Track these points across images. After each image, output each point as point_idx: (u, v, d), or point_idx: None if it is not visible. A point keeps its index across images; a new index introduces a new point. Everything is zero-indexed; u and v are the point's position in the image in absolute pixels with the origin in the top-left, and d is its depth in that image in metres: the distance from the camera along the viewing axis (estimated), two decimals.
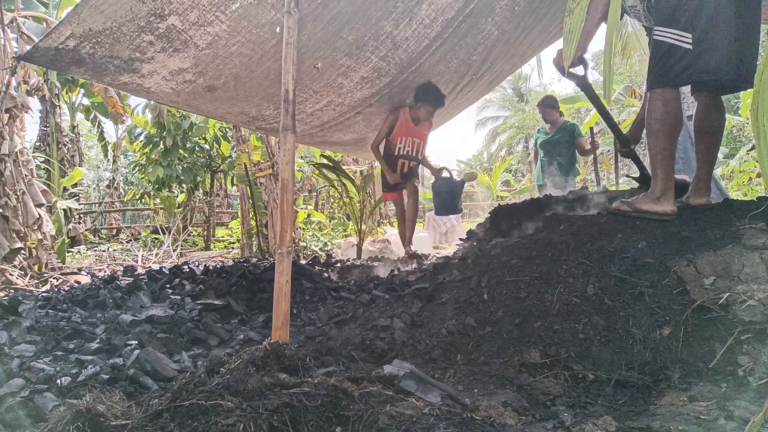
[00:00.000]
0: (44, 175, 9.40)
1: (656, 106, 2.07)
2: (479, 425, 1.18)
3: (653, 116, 2.08)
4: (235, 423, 1.09)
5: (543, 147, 5.40)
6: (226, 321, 2.55)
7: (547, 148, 5.36)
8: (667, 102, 2.06)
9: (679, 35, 1.99)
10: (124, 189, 16.58)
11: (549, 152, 5.34)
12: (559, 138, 5.25)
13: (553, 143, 5.29)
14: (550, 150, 5.33)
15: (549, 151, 5.34)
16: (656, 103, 2.08)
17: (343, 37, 3.15)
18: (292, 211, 1.94)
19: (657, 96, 2.08)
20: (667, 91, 2.06)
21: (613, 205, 2.25)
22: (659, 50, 2.06)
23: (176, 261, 6.89)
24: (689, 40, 1.97)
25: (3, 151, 4.59)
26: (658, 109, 2.07)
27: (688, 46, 1.97)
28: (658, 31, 2.06)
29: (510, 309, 1.82)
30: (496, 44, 3.79)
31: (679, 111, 2.11)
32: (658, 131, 2.07)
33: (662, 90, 2.07)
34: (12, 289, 4.08)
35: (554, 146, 5.29)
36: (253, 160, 6.74)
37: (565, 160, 5.24)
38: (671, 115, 2.06)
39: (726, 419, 1.19)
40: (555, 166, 5.25)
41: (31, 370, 1.75)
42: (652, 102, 2.10)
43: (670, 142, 2.08)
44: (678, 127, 2.11)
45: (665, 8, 2.05)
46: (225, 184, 12.62)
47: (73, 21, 2.42)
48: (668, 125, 2.06)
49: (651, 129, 2.10)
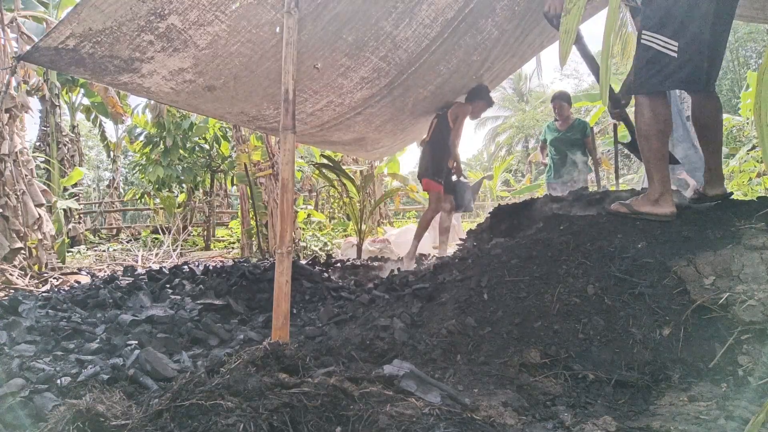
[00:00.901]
0: (44, 175, 9.40)
1: (644, 112, 2.09)
2: (479, 425, 1.18)
3: (642, 121, 2.09)
4: (235, 423, 1.09)
5: (554, 145, 5.19)
6: (226, 321, 2.55)
7: (557, 145, 5.17)
8: (655, 107, 2.07)
9: (666, 42, 2.00)
10: (124, 189, 16.58)
11: (561, 150, 5.14)
12: (571, 135, 5.07)
13: (565, 141, 5.10)
14: (562, 148, 5.12)
15: (561, 149, 5.14)
16: (644, 109, 2.09)
17: (342, 37, 3.15)
18: (292, 211, 1.94)
19: (645, 104, 2.09)
20: (655, 98, 2.08)
21: (611, 207, 2.24)
22: (645, 54, 2.07)
23: (176, 261, 6.89)
24: (675, 48, 1.98)
25: (3, 151, 4.59)
26: (646, 114, 2.08)
27: (673, 54, 1.99)
28: (647, 36, 2.07)
29: (510, 309, 1.82)
30: (495, 44, 3.79)
31: (668, 114, 2.12)
32: (649, 135, 2.08)
33: (650, 97, 2.08)
34: (12, 289, 4.08)
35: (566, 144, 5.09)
36: (253, 160, 6.74)
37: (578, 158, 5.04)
38: (660, 119, 2.07)
39: (726, 419, 1.19)
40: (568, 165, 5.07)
41: (31, 370, 1.75)
42: (639, 107, 2.11)
43: (662, 144, 2.09)
44: (668, 129, 2.12)
45: (655, 13, 2.06)
46: (225, 184, 12.62)
47: (73, 20, 2.41)
48: (657, 129, 2.07)
49: (641, 133, 2.11)
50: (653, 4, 2.06)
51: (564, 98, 5.17)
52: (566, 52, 0.86)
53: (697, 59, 2.00)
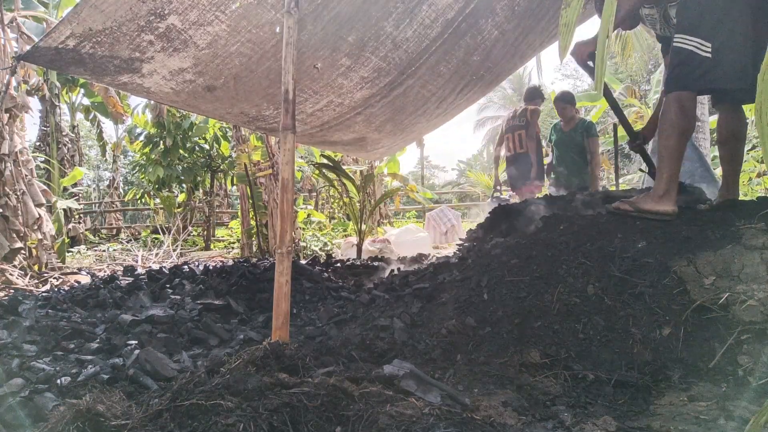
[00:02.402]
0: (44, 175, 9.39)
1: (672, 108, 2.10)
2: (479, 425, 1.18)
3: (668, 116, 2.11)
4: (235, 423, 1.09)
5: (557, 145, 5.14)
6: (226, 321, 2.55)
7: (560, 146, 5.12)
8: (684, 104, 2.08)
9: (700, 44, 2.03)
10: (124, 189, 16.58)
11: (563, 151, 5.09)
12: (574, 136, 5.01)
13: (568, 142, 5.04)
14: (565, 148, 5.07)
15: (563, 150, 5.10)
16: (672, 105, 2.10)
17: (343, 37, 3.16)
18: (292, 211, 1.94)
19: (674, 98, 2.10)
20: (685, 95, 2.09)
21: (614, 205, 2.25)
22: (678, 56, 2.10)
23: (176, 261, 6.88)
24: (708, 49, 2.01)
25: (3, 151, 4.59)
26: (673, 110, 2.09)
27: (707, 55, 2.01)
28: (679, 38, 2.10)
29: (510, 309, 1.82)
30: (495, 44, 3.79)
31: (694, 114, 2.15)
32: (672, 131, 2.09)
33: (679, 93, 2.10)
34: (12, 289, 4.08)
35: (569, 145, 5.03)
36: (253, 160, 6.73)
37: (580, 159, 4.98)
38: (687, 117, 2.09)
39: (726, 419, 1.19)
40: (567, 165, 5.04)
41: (31, 370, 1.75)
42: (668, 104, 2.13)
43: (681, 142, 2.11)
44: (691, 129, 2.14)
45: (688, 17, 2.09)
46: (225, 184, 12.61)
47: (73, 20, 2.41)
48: (682, 126, 2.09)
49: (664, 129, 2.12)
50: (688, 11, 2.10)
51: (566, 99, 5.12)
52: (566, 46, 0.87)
53: (738, 57, 2.01)
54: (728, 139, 2.37)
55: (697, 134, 5.56)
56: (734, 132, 2.35)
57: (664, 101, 2.18)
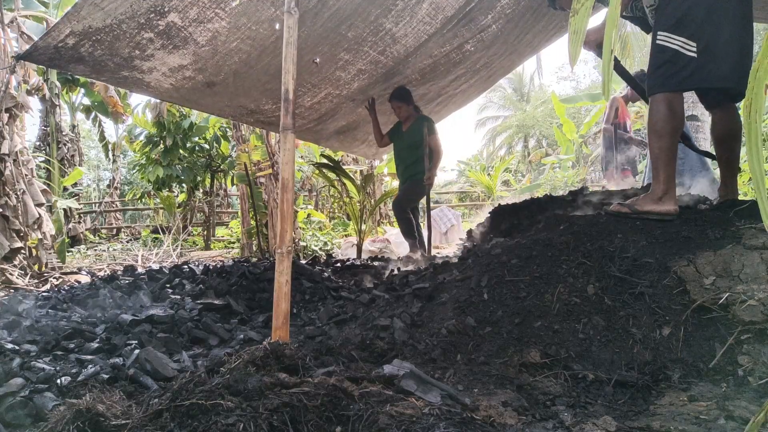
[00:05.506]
0: (44, 175, 9.39)
1: (660, 109, 2.08)
2: (479, 425, 1.18)
3: (657, 117, 2.09)
4: (235, 423, 1.09)
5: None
6: (226, 321, 2.55)
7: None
8: (673, 105, 2.07)
9: (685, 43, 2.00)
10: (124, 189, 16.58)
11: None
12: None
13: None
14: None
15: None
16: (660, 106, 2.08)
17: (342, 33, 3.16)
18: (292, 210, 1.94)
19: (662, 100, 2.09)
20: (672, 95, 2.08)
21: (611, 207, 2.24)
22: (662, 55, 2.07)
23: (176, 261, 6.88)
24: (694, 48, 1.98)
25: (3, 151, 4.58)
26: (662, 111, 2.08)
27: (692, 55, 1.99)
28: (662, 36, 2.07)
29: (510, 309, 1.82)
30: (494, 41, 3.81)
31: (683, 112, 2.13)
32: (663, 132, 2.08)
33: (666, 94, 2.08)
34: (12, 289, 4.08)
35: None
36: (253, 159, 6.73)
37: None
38: (677, 117, 2.08)
39: (726, 419, 1.19)
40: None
41: (31, 370, 1.75)
42: (655, 104, 2.11)
43: (674, 142, 2.09)
44: (681, 127, 2.13)
45: (672, 14, 2.06)
46: (225, 184, 12.61)
47: (72, 19, 2.41)
48: (673, 127, 2.08)
49: (655, 130, 2.11)
50: (671, 6, 2.06)
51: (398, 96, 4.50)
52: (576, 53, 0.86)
53: (726, 56, 1.99)
54: (724, 139, 2.35)
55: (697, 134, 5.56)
56: (730, 131, 2.33)
57: (650, 101, 2.14)
